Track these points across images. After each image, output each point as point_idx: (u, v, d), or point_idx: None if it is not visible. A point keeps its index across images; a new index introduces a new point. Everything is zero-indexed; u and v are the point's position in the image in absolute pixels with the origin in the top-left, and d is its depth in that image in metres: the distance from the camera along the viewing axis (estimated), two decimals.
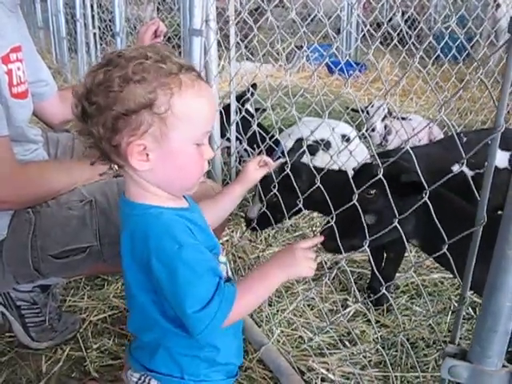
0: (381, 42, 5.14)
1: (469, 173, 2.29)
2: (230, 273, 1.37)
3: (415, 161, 1.35)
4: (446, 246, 1.19)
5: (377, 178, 1.41)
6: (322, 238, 1.48)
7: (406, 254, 2.37)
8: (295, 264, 1.30)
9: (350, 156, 2.65)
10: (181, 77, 1.11)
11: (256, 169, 1.58)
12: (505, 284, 0.98)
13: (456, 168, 2.31)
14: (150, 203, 1.19)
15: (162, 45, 1.26)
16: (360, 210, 1.54)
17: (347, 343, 2.07)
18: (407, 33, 3.10)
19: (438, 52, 2.89)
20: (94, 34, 5.16)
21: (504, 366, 1.05)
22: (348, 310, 2.25)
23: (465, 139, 2.45)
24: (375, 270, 1.78)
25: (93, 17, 5.12)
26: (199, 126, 1.16)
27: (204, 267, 1.15)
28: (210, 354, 1.29)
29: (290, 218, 2.15)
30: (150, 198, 1.20)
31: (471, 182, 1.13)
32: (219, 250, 1.32)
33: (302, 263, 1.31)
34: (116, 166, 1.22)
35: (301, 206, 1.80)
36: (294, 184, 1.86)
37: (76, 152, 2.11)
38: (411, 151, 1.32)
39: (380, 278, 1.60)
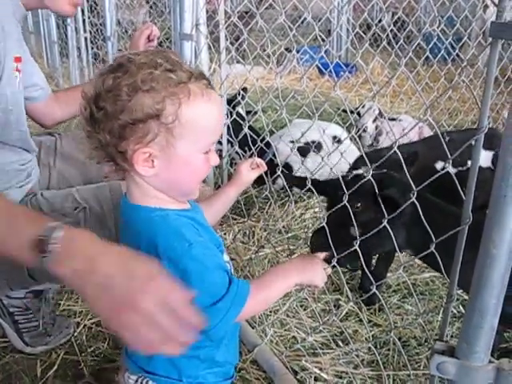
0: (371, 44, 5.19)
1: (452, 170, 2.32)
2: (233, 271, 1.38)
3: (403, 161, 1.37)
4: (434, 246, 1.21)
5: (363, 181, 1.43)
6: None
7: (397, 254, 2.40)
8: (312, 270, 1.33)
9: (341, 157, 2.68)
10: (190, 86, 1.10)
11: (249, 171, 1.58)
12: (490, 281, 1.01)
13: (439, 165, 2.35)
14: (154, 206, 1.19)
15: (172, 51, 1.26)
16: (350, 222, 1.56)
17: (340, 343, 2.09)
18: (396, 35, 3.13)
19: (427, 53, 2.92)
20: (85, 38, 5.15)
21: (490, 361, 1.07)
22: (340, 309, 2.26)
23: (448, 138, 2.48)
24: (366, 270, 1.80)
25: (84, 21, 5.11)
26: (207, 136, 1.16)
27: (214, 263, 1.16)
28: (210, 352, 1.30)
29: None
30: (154, 201, 1.20)
31: (455, 179, 1.15)
32: (223, 249, 1.34)
33: (318, 271, 1.34)
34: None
35: None
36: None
37: (59, 153, 2.12)
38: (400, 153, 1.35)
39: (371, 277, 1.62)
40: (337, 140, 3.24)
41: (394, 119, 4.18)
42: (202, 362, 1.30)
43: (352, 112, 3.77)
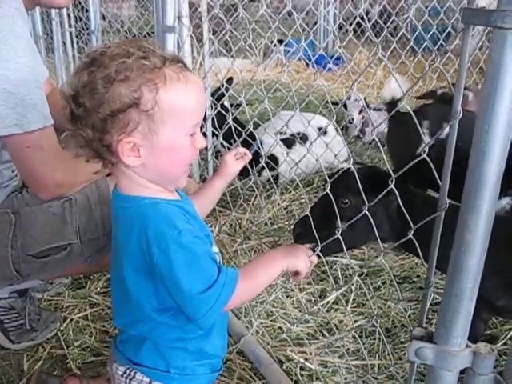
0: (358, 36, 5.18)
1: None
2: (221, 263, 1.38)
3: None
4: (412, 233, 1.22)
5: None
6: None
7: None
8: (296, 256, 1.35)
9: (327, 148, 2.69)
10: (165, 70, 1.11)
11: (234, 161, 1.58)
12: (465, 267, 1.01)
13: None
14: (143, 195, 1.20)
15: (146, 39, 1.28)
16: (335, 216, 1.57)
17: (326, 333, 2.10)
18: (382, 28, 3.13)
19: (411, 44, 2.92)
20: (70, 32, 5.11)
21: (467, 345, 1.08)
22: (326, 300, 2.27)
23: None
24: None
25: (68, 15, 5.07)
26: (188, 119, 1.16)
27: (203, 251, 1.17)
28: (198, 343, 1.31)
29: None
30: (143, 190, 1.21)
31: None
32: (212, 240, 1.34)
33: (302, 257, 1.36)
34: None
35: None
36: None
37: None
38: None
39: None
40: (322, 131, 3.25)
41: (379, 109, 4.18)
42: (189, 353, 1.31)
43: (337, 103, 3.78)
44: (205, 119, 2.57)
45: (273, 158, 3.08)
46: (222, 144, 2.77)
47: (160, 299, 1.22)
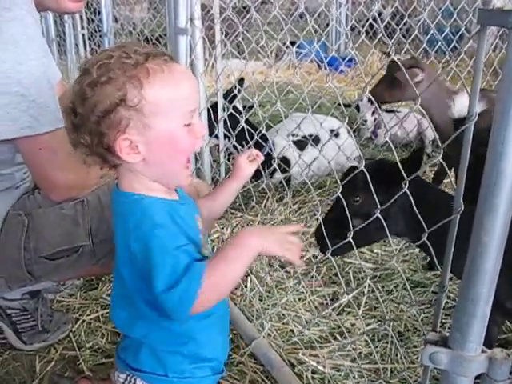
0: (371, 37, 5.16)
1: None
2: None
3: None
4: (426, 235, 1.20)
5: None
6: (301, 226, 1.47)
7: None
8: (272, 238, 1.20)
9: (339, 150, 2.68)
10: (147, 65, 1.13)
11: (247, 163, 1.57)
12: (482, 269, 1.00)
13: None
14: (134, 192, 1.21)
15: (131, 41, 1.31)
16: (349, 215, 1.57)
17: (338, 336, 2.09)
18: (394, 29, 3.11)
19: (424, 45, 2.91)
20: (83, 35, 5.16)
21: (483, 350, 1.06)
22: (338, 303, 2.26)
23: None
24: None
25: (81, 17, 5.12)
26: (179, 107, 1.17)
27: (175, 247, 1.13)
28: (193, 348, 1.30)
29: None
30: (139, 188, 1.21)
31: None
32: (201, 244, 1.31)
33: (281, 241, 1.21)
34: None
35: None
36: None
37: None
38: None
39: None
40: (334, 133, 3.24)
41: (392, 111, 4.17)
42: (186, 357, 1.30)
43: (349, 105, 3.76)
44: (217, 121, 2.57)
45: (285, 160, 3.08)
46: (233, 146, 2.77)
47: (149, 291, 1.21)
